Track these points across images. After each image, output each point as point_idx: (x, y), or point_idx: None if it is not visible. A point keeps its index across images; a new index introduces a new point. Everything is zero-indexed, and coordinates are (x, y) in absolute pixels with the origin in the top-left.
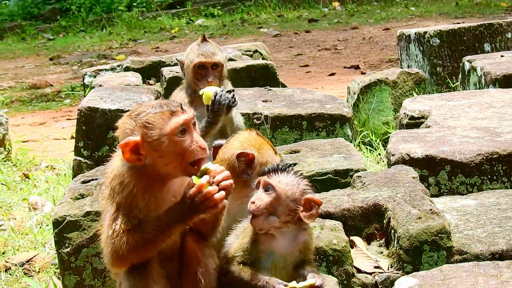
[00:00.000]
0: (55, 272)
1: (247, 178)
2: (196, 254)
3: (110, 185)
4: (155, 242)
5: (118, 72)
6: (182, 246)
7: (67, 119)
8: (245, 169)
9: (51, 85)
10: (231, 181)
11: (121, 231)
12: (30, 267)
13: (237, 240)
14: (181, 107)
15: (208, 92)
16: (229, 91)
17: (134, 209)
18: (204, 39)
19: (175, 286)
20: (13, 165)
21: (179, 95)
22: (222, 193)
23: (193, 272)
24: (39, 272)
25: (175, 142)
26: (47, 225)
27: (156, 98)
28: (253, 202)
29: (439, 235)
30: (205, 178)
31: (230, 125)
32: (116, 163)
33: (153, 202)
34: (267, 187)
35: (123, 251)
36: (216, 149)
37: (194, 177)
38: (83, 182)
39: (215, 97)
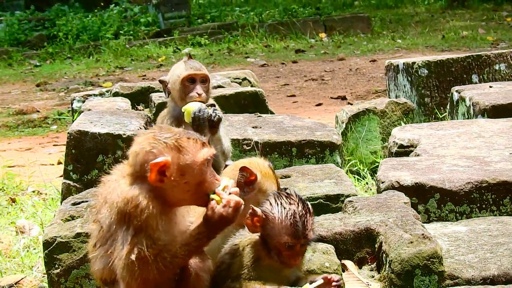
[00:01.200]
0: None
1: (242, 195)
2: (195, 269)
3: (123, 210)
4: (181, 263)
5: (107, 97)
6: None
7: (54, 145)
8: (242, 185)
9: (38, 111)
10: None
11: (149, 255)
12: None
13: (236, 258)
14: (207, 141)
15: (190, 107)
16: (210, 105)
17: (156, 231)
18: (190, 57)
19: None
20: (0, 190)
21: (165, 119)
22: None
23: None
24: None
25: (202, 172)
26: (34, 249)
27: (146, 123)
28: None
29: (431, 259)
30: (224, 193)
31: (219, 147)
32: (122, 186)
33: (167, 224)
34: None
35: (151, 276)
36: (225, 167)
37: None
38: (74, 204)
39: (194, 113)
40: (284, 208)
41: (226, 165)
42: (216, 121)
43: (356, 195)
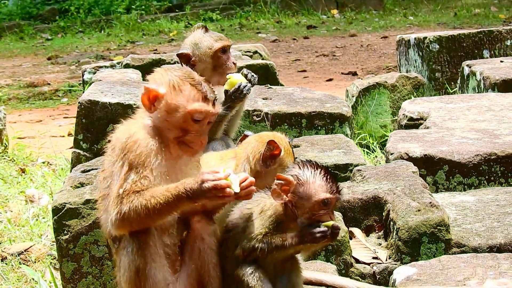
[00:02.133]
0: (51, 262)
1: (263, 168)
2: (200, 232)
3: (123, 145)
4: (160, 212)
5: (118, 69)
6: (185, 222)
7: (64, 117)
8: (268, 158)
9: (49, 84)
10: (253, 188)
11: (131, 191)
12: (26, 257)
13: (254, 220)
14: (214, 101)
15: (235, 78)
16: (246, 77)
17: (147, 168)
18: (206, 29)
19: (175, 261)
20: (10, 160)
21: None
22: (231, 191)
23: (196, 250)
24: (35, 262)
25: (186, 121)
26: (43, 218)
27: None
28: None
29: (438, 227)
30: (224, 173)
31: (236, 115)
32: (128, 126)
33: (164, 166)
34: None
35: (128, 212)
36: (244, 137)
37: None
38: (83, 171)
39: (240, 86)
40: (314, 170)
41: (246, 135)
42: (248, 94)
43: (364, 165)
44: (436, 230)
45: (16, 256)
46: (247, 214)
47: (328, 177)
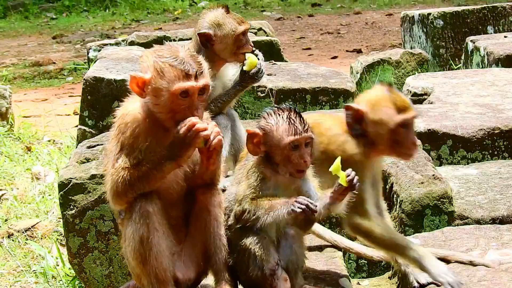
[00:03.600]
0: (57, 239)
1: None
2: (205, 204)
3: (116, 125)
4: (150, 178)
5: (123, 46)
6: (190, 194)
7: (70, 96)
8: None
9: (54, 63)
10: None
11: (120, 168)
12: (33, 234)
13: (242, 183)
14: (197, 73)
15: (254, 59)
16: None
17: (136, 150)
18: (228, 11)
19: (179, 232)
20: (16, 138)
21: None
22: (206, 127)
23: (202, 221)
24: (41, 238)
25: (173, 101)
26: (49, 195)
27: None
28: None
29: (441, 199)
30: (195, 118)
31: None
32: (126, 105)
33: (156, 146)
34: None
35: (121, 186)
36: None
37: None
38: (89, 147)
39: (260, 68)
40: (278, 115)
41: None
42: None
43: None
44: (439, 202)
45: (22, 232)
46: (237, 179)
47: (291, 119)
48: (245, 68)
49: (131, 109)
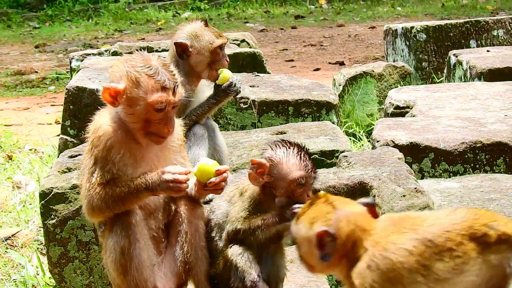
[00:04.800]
0: (37, 248)
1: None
2: (187, 215)
3: (90, 139)
4: (125, 200)
5: (106, 56)
6: (170, 205)
7: (52, 105)
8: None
9: (36, 72)
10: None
11: (96, 184)
12: (13, 242)
13: (235, 205)
14: (174, 87)
15: (227, 74)
16: (240, 81)
17: (109, 163)
18: (206, 23)
19: (160, 243)
20: None
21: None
22: (186, 185)
23: (183, 232)
24: (22, 247)
25: (148, 112)
26: (30, 204)
27: None
28: None
29: None
30: (182, 169)
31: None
32: (97, 119)
33: (130, 158)
34: None
35: (96, 202)
36: None
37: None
38: (70, 157)
39: (233, 82)
40: (287, 149)
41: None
42: (238, 93)
43: (350, 151)
44: None
45: (3, 241)
46: (229, 196)
47: (302, 155)
48: (218, 82)
49: (102, 122)
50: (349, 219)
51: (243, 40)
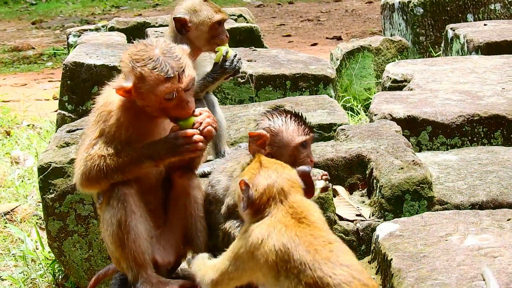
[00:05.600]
0: (36, 222)
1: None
2: (184, 187)
3: (98, 111)
4: (125, 171)
5: (103, 32)
6: (169, 179)
7: (49, 81)
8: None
9: (33, 48)
10: (211, 128)
11: (96, 155)
12: (12, 217)
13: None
14: (179, 74)
15: (224, 51)
16: (240, 59)
17: (116, 140)
18: None
19: (158, 218)
20: None
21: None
22: (201, 138)
23: (181, 205)
24: (21, 222)
25: (161, 102)
26: (28, 179)
27: None
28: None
29: (420, 185)
30: (192, 130)
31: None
32: (109, 91)
33: (138, 136)
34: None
35: (94, 173)
36: None
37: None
38: (69, 131)
39: (234, 56)
40: (284, 116)
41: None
42: (238, 72)
43: (348, 124)
44: (419, 187)
45: (2, 216)
46: (229, 171)
47: (299, 120)
48: (215, 59)
49: (114, 98)
50: (269, 176)
51: (240, 15)
